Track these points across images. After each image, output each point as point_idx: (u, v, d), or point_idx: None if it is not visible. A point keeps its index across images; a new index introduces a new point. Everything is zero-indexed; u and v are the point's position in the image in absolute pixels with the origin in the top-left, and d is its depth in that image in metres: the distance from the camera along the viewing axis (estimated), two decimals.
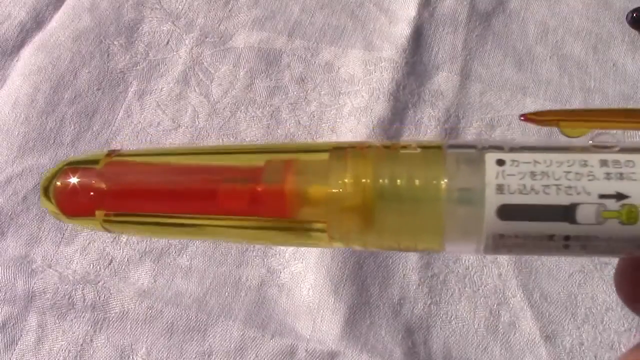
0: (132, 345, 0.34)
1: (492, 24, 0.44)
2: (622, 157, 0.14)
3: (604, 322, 0.34)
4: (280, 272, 0.35)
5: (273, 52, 0.42)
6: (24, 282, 0.35)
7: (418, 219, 0.15)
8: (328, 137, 0.39)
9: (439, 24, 0.43)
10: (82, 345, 0.34)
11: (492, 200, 0.14)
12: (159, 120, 0.40)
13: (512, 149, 0.15)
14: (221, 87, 0.41)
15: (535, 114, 0.16)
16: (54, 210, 0.16)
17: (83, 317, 0.34)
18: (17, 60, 0.42)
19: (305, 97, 0.41)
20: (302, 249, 0.36)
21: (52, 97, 0.40)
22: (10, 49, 0.42)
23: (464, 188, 0.15)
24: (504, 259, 0.36)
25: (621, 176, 0.14)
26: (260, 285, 0.35)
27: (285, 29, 0.43)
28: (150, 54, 0.42)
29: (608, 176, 0.14)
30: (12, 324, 0.34)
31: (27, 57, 0.42)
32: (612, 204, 0.14)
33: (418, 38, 0.43)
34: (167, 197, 0.16)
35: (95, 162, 0.16)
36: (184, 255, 0.36)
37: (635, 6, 0.44)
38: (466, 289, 0.35)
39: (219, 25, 0.43)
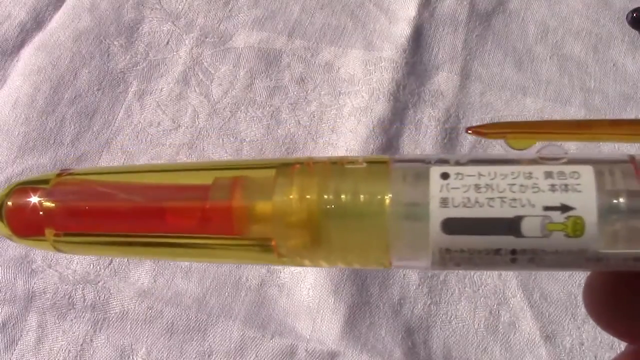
0: (132, 345, 0.34)
1: (492, 24, 0.44)
2: (568, 169, 0.14)
3: None
4: (280, 272, 0.35)
5: (273, 52, 0.42)
6: (24, 282, 0.35)
7: (364, 234, 0.15)
8: (328, 137, 0.39)
9: (439, 24, 0.43)
10: (82, 345, 0.34)
11: (437, 214, 0.14)
12: (159, 121, 0.40)
13: (458, 162, 0.15)
14: (221, 87, 0.41)
15: (482, 126, 0.16)
16: (5, 231, 0.16)
17: (83, 317, 0.34)
18: (17, 61, 0.42)
19: (306, 97, 0.41)
20: None
21: (52, 97, 0.40)
22: (10, 49, 0.42)
23: (409, 203, 0.15)
24: None
25: (566, 187, 0.14)
26: (260, 285, 0.35)
27: (285, 29, 0.43)
28: (150, 54, 0.42)
29: (553, 188, 0.14)
30: (12, 324, 0.34)
31: (27, 57, 0.42)
32: (557, 216, 0.14)
33: (418, 38, 0.43)
34: (116, 217, 0.16)
35: (46, 182, 0.16)
36: None
37: (635, 6, 0.44)
38: (466, 289, 0.35)
39: (219, 26, 0.43)
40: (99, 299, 0.34)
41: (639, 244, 0.14)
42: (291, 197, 0.15)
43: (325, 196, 0.15)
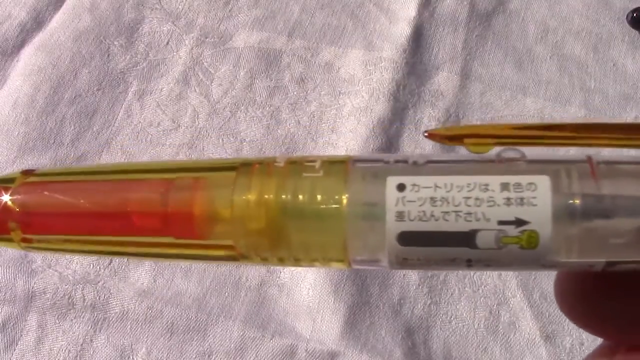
0: (132, 345, 0.34)
1: (492, 24, 0.44)
2: (524, 180, 0.14)
3: None
4: (280, 272, 0.35)
5: (273, 52, 0.42)
6: (24, 282, 0.35)
7: (322, 234, 0.15)
8: (328, 137, 0.39)
9: (439, 24, 0.43)
10: (82, 345, 0.34)
11: (393, 227, 0.14)
12: (159, 121, 0.40)
13: (416, 163, 0.15)
14: (221, 87, 0.41)
15: (439, 130, 0.16)
16: None
17: (83, 317, 0.34)
18: (17, 61, 0.42)
19: (305, 97, 0.41)
20: None
21: (52, 97, 0.40)
22: (10, 49, 0.42)
23: (367, 203, 0.15)
24: None
25: (521, 201, 0.14)
26: (260, 285, 0.35)
27: (286, 29, 0.43)
28: (150, 54, 0.42)
29: (508, 202, 0.14)
30: (12, 324, 0.34)
31: (27, 57, 0.42)
32: (511, 230, 0.14)
33: (418, 38, 0.43)
34: (80, 218, 0.16)
35: (11, 181, 0.16)
36: None
37: (635, 6, 0.44)
38: (466, 289, 0.35)
39: (219, 26, 0.43)
40: (99, 299, 0.34)
41: (594, 248, 0.14)
42: (249, 197, 0.15)
43: (284, 196, 0.15)
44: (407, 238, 0.14)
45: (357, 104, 0.40)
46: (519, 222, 0.14)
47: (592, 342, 0.34)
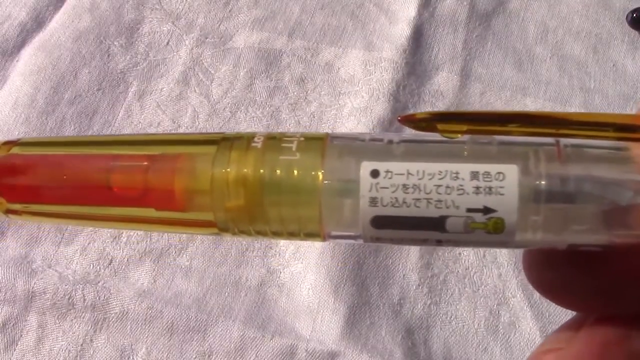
0: (132, 345, 0.34)
1: (492, 24, 0.44)
2: (494, 169, 0.15)
3: None
4: (280, 272, 0.35)
5: (273, 53, 0.42)
6: (24, 282, 0.35)
7: (298, 209, 0.16)
8: None
9: (439, 24, 0.43)
10: (82, 345, 0.34)
11: (366, 212, 0.15)
12: (159, 121, 0.40)
13: (391, 142, 0.16)
14: (221, 87, 0.41)
15: (411, 115, 0.16)
16: None
17: (83, 317, 0.34)
18: (17, 61, 0.42)
19: (305, 98, 0.41)
20: (302, 248, 0.36)
21: (52, 97, 0.40)
22: (10, 49, 0.42)
23: (341, 179, 0.15)
24: (504, 259, 0.36)
25: (490, 191, 0.14)
26: (260, 285, 0.35)
27: (286, 29, 0.43)
28: (150, 55, 0.42)
29: (477, 190, 0.15)
30: (12, 324, 0.34)
31: (28, 57, 0.42)
32: (479, 217, 0.15)
33: (418, 38, 0.43)
34: (63, 187, 0.17)
35: None
36: (184, 256, 0.36)
37: (635, 6, 0.44)
38: (466, 289, 0.35)
39: (219, 26, 0.43)
40: (99, 299, 0.34)
41: (558, 231, 0.15)
42: (229, 171, 0.16)
43: (262, 171, 0.15)
44: (380, 222, 0.15)
45: (357, 104, 0.40)
46: (487, 210, 0.15)
47: None
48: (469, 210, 0.15)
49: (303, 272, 0.35)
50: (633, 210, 0.14)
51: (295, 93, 0.41)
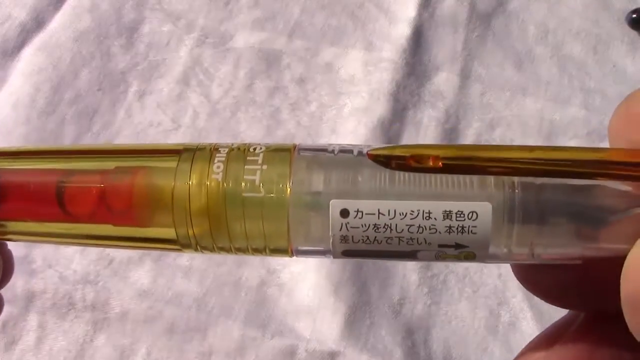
0: (132, 345, 0.34)
1: (492, 24, 0.44)
2: (467, 208, 0.14)
3: None
4: (280, 272, 0.35)
5: (273, 53, 0.42)
6: (24, 282, 0.35)
7: (265, 222, 0.15)
8: (328, 138, 0.39)
9: (439, 24, 0.43)
10: (82, 345, 0.34)
11: (337, 246, 0.15)
12: (159, 121, 0.40)
13: (360, 153, 0.15)
14: (221, 87, 0.41)
15: (381, 150, 0.15)
16: None
17: (83, 317, 0.34)
18: (17, 61, 0.42)
19: (306, 98, 0.41)
20: None
21: (53, 97, 0.40)
22: (10, 50, 0.42)
23: (310, 192, 0.15)
24: None
25: (462, 230, 0.14)
26: (260, 285, 0.35)
27: (286, 30, 0.43)
28: (150, 55, 0.42)
29: (450, 230, 0.14)
30: (12, 324, 0.34)
31: (28, 57, 0.42)
32: (451, 251, 0.15)
33: (418, 38, 0.43)
34: (10, 202, 0.16)
35: None
36: (184, 256, 0.36)
37: (635, 7, 0.44)
38: (466, 289, 0.35)
39: (220, 26, 0.43)
40: (99, 299, 0.34)
41: (528, 250, 0.15)
42: (191, 183, 0.15)
43: (225, 184, 0.15)
44: (351, 253, 0.15)
45: (357, 104, 0.40)
46: (459, 246, 0.15)
47: None
48: (441, 246, 0.15)
49: (303, 272, 0.35)
50: (603, 229, 0.14)
51: (295, 93, 0.41)
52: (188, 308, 0.34)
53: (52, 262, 0.35)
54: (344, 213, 0.14)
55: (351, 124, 0.39)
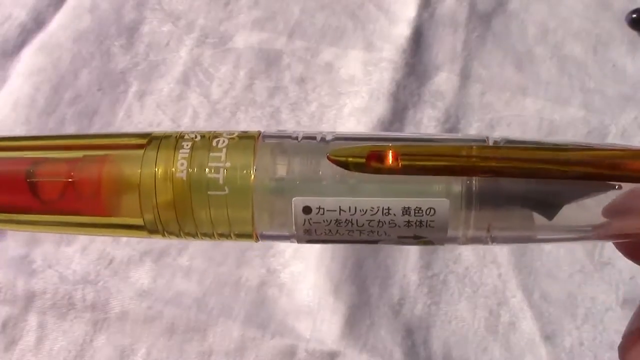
0: (132, 345, 0.34)
1: (492, 24, 0.44)
2: (425, 204, 0.15)
3: (604, 322, 0.34)
4: (280, 272, 0.35)
5: (273, 53, 0.42)
6: (24, 282, 0.35)
7: (230, 208, 0.15)
8: None
9: (439, 24, 0.43)
10: (82, 345, 0.34)
11: (301, 237, 0.15)
12: (159, 121, 0.40)
13: (323, 139, 0.16)
14: (221, 87, 0.41)
15: (339, 151, 0.15)
16: None
17: (83, 317, 0.34)
18: (17, 61, 0.42)
19: (306, 98, 0.41)
20: (302, 248, 0.36)
21: (53, 97, 0.40)
22: (10, 50, 0.42)
23: (274, 178, 0.15)
24: (503, 259, 0.36)
25: (420, 224, 0.15)
26: (260, 285, 0.35)
27: (286, 30, 0.43)
28: (150, 55, 0.42)
29: (408, 224, 0.15)
30: (12, 324, 0.34)
31: (28, 57, 0.42)
32: (410, 240, 0.15)
33: (418, 39, 0.43)
34: None
35: None
36: (184, 255, 0.36)
37: (634, 7, 0.44)
38: (466, 289, 0.35)
39: (219, 26, 0.43)
40: (99, 299, 0.34)
41: (485, 231, 0.15)
42: (156, 171, 0.15)
43: (190, 170, 0.15)
44: (315, 241, 0.16)
45: (357, 104, 0.40)
46: (417, 237, 0.15)
47: (592, 341, 0.34)
48: (400, 237, 0.15)
49: (303, 272, 0.35)
50: (557, 213, 0.15)
51: (295, 93, 0.41)
52: (188, 308, 0.34)
53: (52, 262, 0.35)
54: (307, 210, 0.15)
55: (351, 124, 0.39)
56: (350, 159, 0.15)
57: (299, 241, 0.16)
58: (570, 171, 0.14)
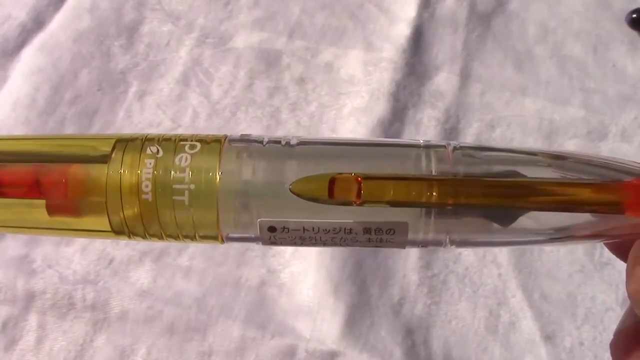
0: (132, 345, 0.34)
1: (492, 24, 0.44)
2: (385, 226, 0.15)
3: (604, 322, 0.34)
4: (280, 272, 0.35)
5: (273, 53, 0.42)
6: (24, 282, 0.35)
7: (195, 210, 0.16)
8: None
9: (439, 24, 0.43)
10: (82, 345, 0.34)
11: (266, 242, 0.16)
12: (159, 121, 0.40)
13: (288, 144, 0.16)
14: (221, 87, 0.41)
15: (301, 181, 0.15)
16: None
17: (83, 317, 0.34)
18: (17, 61, 0.42)
19: (306, 98, 0.41)
20: (302, 248, 0.36)
21: (53, 97, 0.40)
22: (11, 50, 0.42)
23: (239, 181, 0.15)
24: (503, 259, 0.36)
25: (381, 241, 0.16)
26: (260, 285, 0.35)
27: (286, 30, 0.43)
28: (150, 55, 0.42)
29: (369, 241, 0.16)
30: (12, 324, 0.34)
31: (28, 57, 0.42)
32: (371, 249, 0.17)
33: (418, 39, 0.43)
34: None
35: None
36: (184, 255, 0.36)
37: (634, 7, 0.44)
38: (466, 289, 0.35)
39: (219, 26, 0.43)
40: (99, 299, 0.34)
41: (442, 237, 0.16)
42: (122, 173, 0.16)
43: (155, 172, 0.15)
44: (279, 245, 0.16)
45: (357, 104, 0.40)
46: (378, 248, 0.16)
47: (592, 341, 0.34)
48: (362, 247, 0.16)
49: (303, 272, 0.35)
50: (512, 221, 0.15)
51: (295, 93, 0.41)
52: (188, 308, 0.34)
53: (52, 262, 0.35)
54: (272, 229, 0.16)
55: (351, 123, 0.39)
56: (312, 194, 0.15)
57: (264, 244, 0.16)
58: (527, 206, 0.15)
